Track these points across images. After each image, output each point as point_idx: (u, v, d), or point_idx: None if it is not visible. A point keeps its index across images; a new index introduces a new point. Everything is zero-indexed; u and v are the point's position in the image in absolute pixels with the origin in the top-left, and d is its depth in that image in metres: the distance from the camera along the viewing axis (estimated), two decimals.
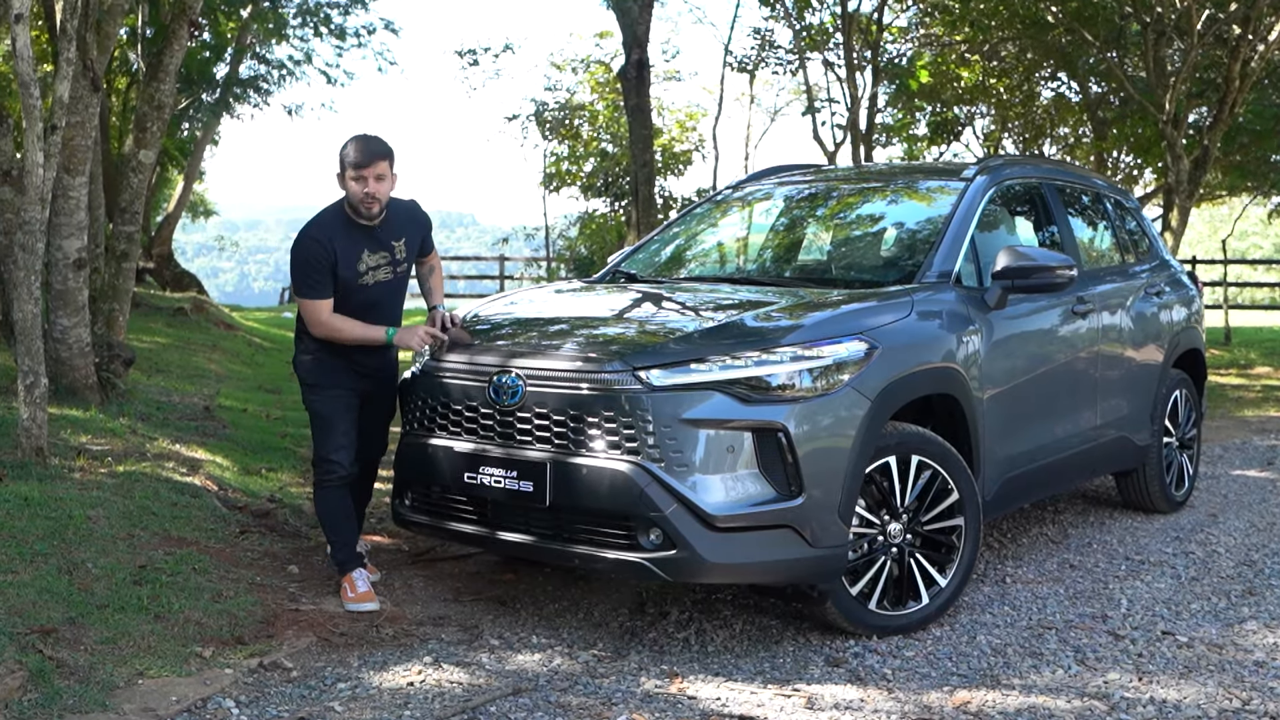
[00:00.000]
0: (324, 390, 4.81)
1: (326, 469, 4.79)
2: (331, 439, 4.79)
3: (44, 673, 3.66)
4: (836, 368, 4.21)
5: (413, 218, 4.91)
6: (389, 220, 4.77)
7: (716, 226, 6.44)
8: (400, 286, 4.91)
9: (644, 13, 13.41)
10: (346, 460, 4.81)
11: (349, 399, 4.82)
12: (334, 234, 4.68)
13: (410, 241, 4.86)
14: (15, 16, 5.80)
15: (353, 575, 4.75)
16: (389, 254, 4.77)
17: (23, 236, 6.02)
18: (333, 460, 4.78)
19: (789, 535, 4.08)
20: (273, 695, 3.82)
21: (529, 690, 3.92)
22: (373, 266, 4.73)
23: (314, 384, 4.84)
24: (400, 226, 4.82)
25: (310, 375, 4.85)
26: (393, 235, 4.78)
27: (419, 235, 4.92)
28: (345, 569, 4.77)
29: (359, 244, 4.70)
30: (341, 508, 4.84)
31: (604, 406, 4.12)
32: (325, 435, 4.80)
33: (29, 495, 5.28)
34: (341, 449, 4.80)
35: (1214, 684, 4.01)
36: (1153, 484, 6.46)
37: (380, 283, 4.77)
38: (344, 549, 4.80)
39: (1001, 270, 4.97)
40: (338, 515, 4.83)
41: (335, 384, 4.80)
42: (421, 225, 4.96)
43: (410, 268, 4.95)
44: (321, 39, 23.21)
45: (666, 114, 25.77)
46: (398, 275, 4.84)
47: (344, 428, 4.81)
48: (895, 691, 3.95)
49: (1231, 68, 14.80)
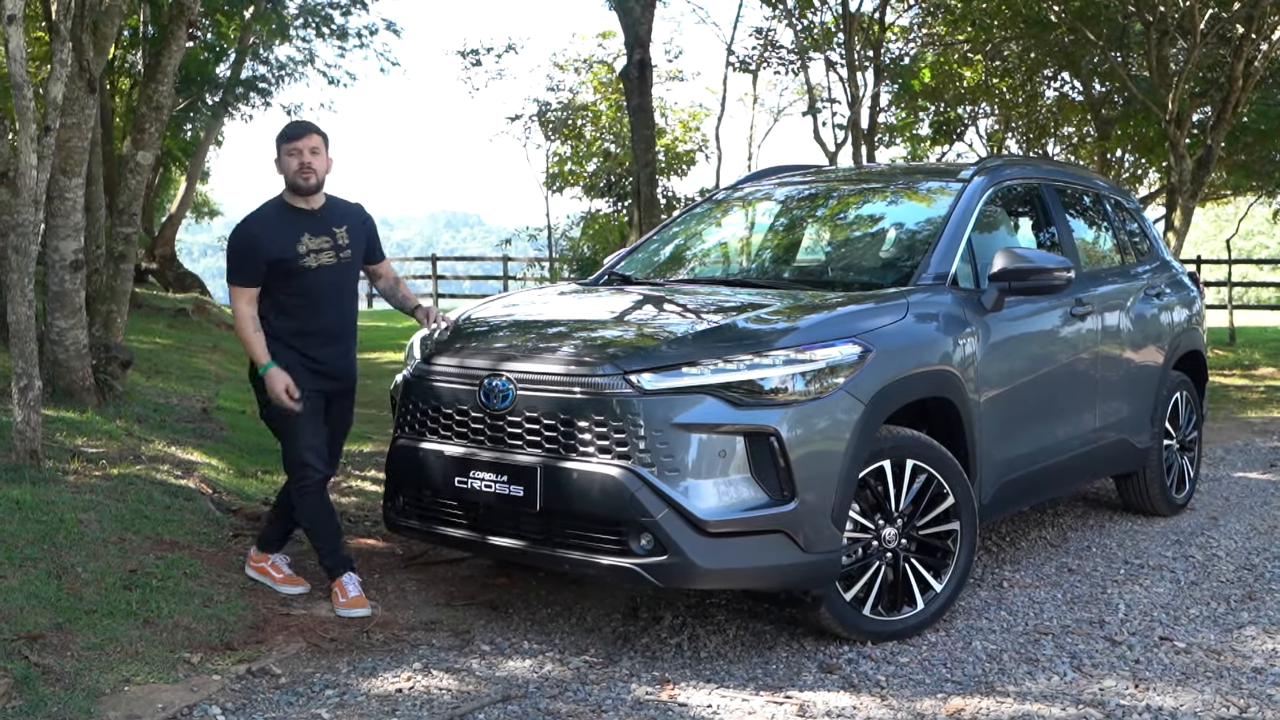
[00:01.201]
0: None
1: (302, 474, 4.73)
2: (301, 441, 4.72)
3: (29, 679, 3.63)
4: (830, 371, 4.17)
5: (355, 215, 4.92)
6: (330, 208, 4.81)
7: (713, 228, 6.40)
8: (347, 277, 4.84)
9: (646, 13, 13.39)
10: (320, 462, 4.74)
11: (315, 400, 4.76)
12: (270, 222, 4.71)
13: (354, 232, 4.84)
14: (8, 18, 5.77)
15: (343, 580, 4.72)
16: (331, 239, 4.74)
17: (16, 238, 5.99)
18: (307, 464, 4.71)
19: (782, 540, 4.05)
20: (260, 702, 3.79)
21: (518, 697, 3.89)
22: (315, 249, 4.69)
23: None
24: (342, 216, 4.84)
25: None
26: (334, 222, 4.79)
27: (363, 231, 4.91)
28: (335, 573, 4.75)
29: (298, 228, 4.70)
30: (325, 511, 4.80)
31: (595, 410, 4.09)
32: (294, 439, 4.73)
33: (21, 499, 5.25)
34: (313, 450, 4.72)
35: (1211, 691, 3.97)
36: (1153, 487, 6.42)
37: (325, 267, 4.72)
38: (332, 554, 4.76)
39: (999, 272, 4.93)
40: (323, 519, 4.79)
41: (298, 386, 4.69)
42: (365, 223, 4.96)
43: (357, 259, 4.88)
44: (324, 40, 23.20)
45: (669, 114, 25.76)
46: (342, 261, 4.78)
47: (312, 429, 4.74)
48: (889, 699, 3.91)
49: (1235, 67, 14.73)
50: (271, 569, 4.95)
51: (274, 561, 4.98)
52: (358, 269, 4.93)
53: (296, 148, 4.64)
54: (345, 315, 4.87)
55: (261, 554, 4.99)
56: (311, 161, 4.65)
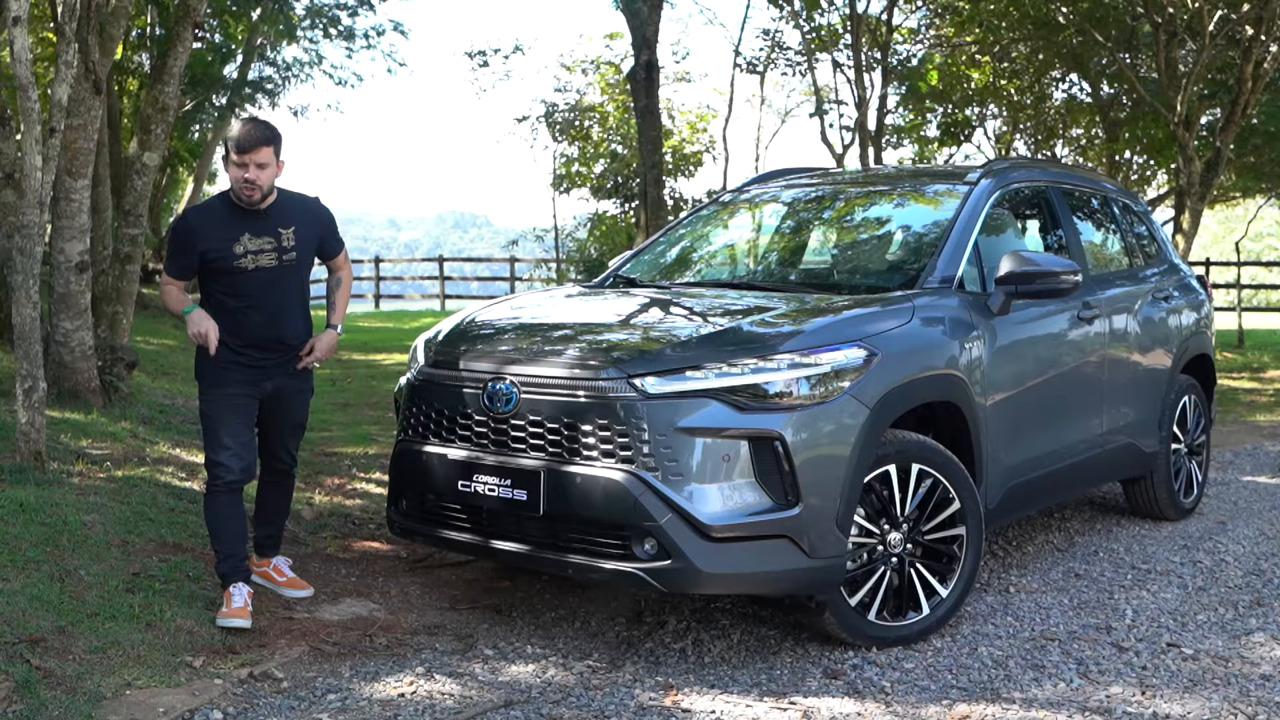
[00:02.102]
0: (212, 390, 4.56)
1: (213, 473, 4.54)
2: (216, 441, 4.53)
3: (30, 683, 3.62)
4: (835, 375, 4.15)
5: (309, 211, 4.72)
6: (279, 208, 4.60)
7: (720, 230, 6.38)
8: (289, 277, 4.62)
9: (653, 14, 13.38)
10: (236, 466, 4.51)
11: (241, 401, 4.55)
12: (210, 217, 4.54)
13: (303, 232, 4.63)
14: (13, 19, 5.77)
15: (230, 590, 4.50)
16: (274, 240, 4.54)
17: (21, 240, 6.00)
18: (219, 463, 4.51)
19: (786, 545, 4.02)
20: (262, 706, 3.78)
21: (521, 702, 3.87)
22: (254, 250, 4.51)
23: (204, 383, 4.59)
24: (292, 216, 4.62)
25: (202, 375, 4.59)
26: (281, 223, 4.58)
27: (315, 229, 4.70)
28: (225, 582, 4.54)
29: (239, 227, 4.51)
30: (226, 516, 4.57)
31: (598, 414, 4.07)
32: (211, 437, 4.56)
33: (25, 500, 5.26)
34: (228, 452, 4.50)
35: (1219, 698, 3.93)
36: (1161, 491, 6.38)
37: (263, 269, 4.52)
38: (226, 560, 4.55)
39: (1005, 275, 4.90)
40: (221, 523, 4.57)
41: (225, 383, 4.53)
42: (319, 220, 4.75)
43: (304, 260, 4.66)
44: (331, 41, 23.24)
45: (677, 115, 25.78)
46: (284, 264, 4.57)
47: (231, 430, 4.52)
48: (893, 705, 3.88)
49: (1244, 69, 14.68)
50: (274, 572, 4.91)
51: (275, 565, 4.94)
52: (304, 271, 4.70)
53: (244, 161, 4.42)
54: (286, 317, 4.62)
55: (261, 559, 4.94)
56: (256, 177, 4.44)
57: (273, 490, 4.93)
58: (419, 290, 36.15)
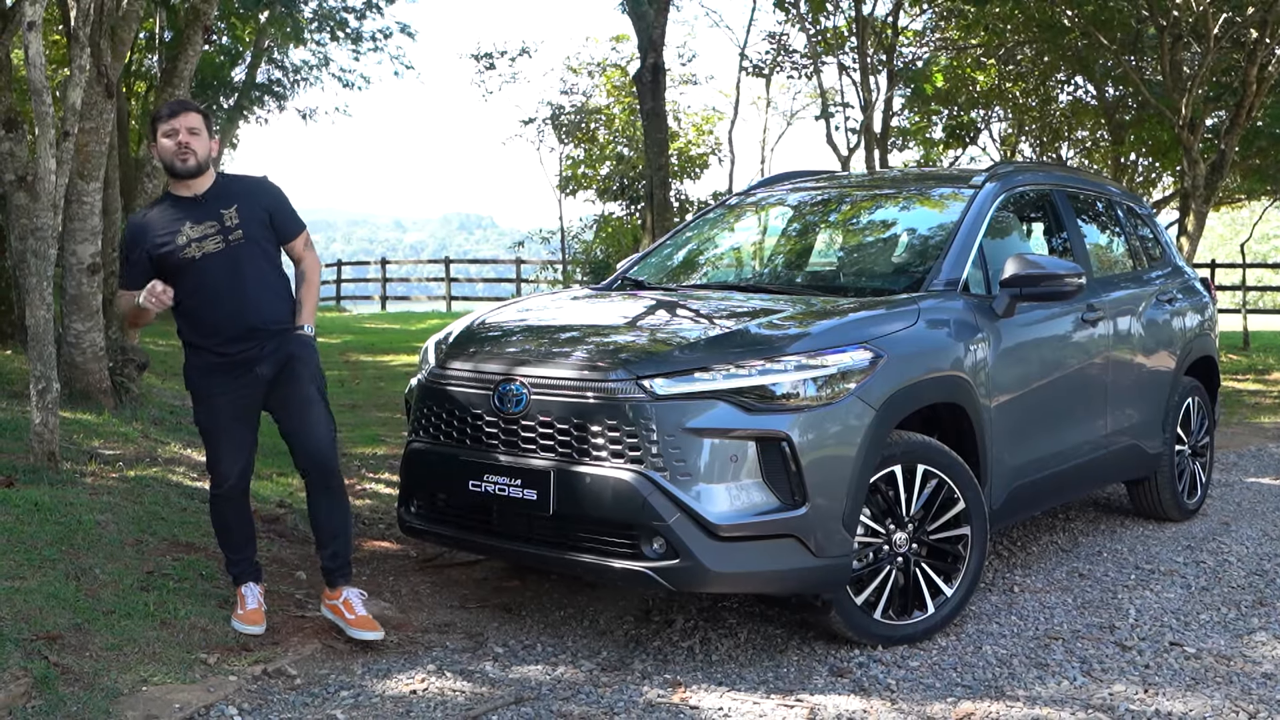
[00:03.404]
0: (201, 401, 4.42)
1: (213, 480, 4.48)
2: (210, 448, 4.44)
3: (48, 679, 3.68)
4: (841, 377, 4.19)
5: (252, 187, 4.47)
6: (218, 191, 4.36)
7: (726, 233, 6.44)
8: (243, 259, 4.30)
9: (659, 17, 13.43)
10: (232, 472, 4.40)
11: (230, 408, 4.35)
12: (150, 215, 4.35)
13: (246, 210, 4.34)
14: (28, 24, 5.84)
15: (243, 590, 4.49)
16: (217, 222, 4.29)
17: (35, 242, 6.06)
18: (217, 471, 4.44)
19: (793, 545, 4.07)
20: (276, 703, 3.83)
21: (531, 699, 3.92)
22: (197, 238, 4.26)
23: (194, 395, 4.46)
24: (233, 195, 4.37)
25: (190, 385, 4.46)
26: (222, 204, 4.33)
27: (261, 204, 4.40)
28: (237, 582, 4.54)
29: (180, 218, 4.29)
30: (229, 524, 4.51)
31: (608, 415, 4.12)
32: (206, 444, 4.48)
33: (39, 500, 5.32)
34: (225, 460, 4.40)
35: (1221, 696, 3.98)
36: (1164, 492, 6.42)
37: (210, 255, 4.26)
38: (234, 564, 4.54)
39: (1010, 278, 4.95)
40: (224, 530, 4.53)
41: (211, 391, 4.36)
42: (265, 193, 4.46)
43: (254, 236, 4.35)
44: (338, 44, 23.32)
45: (683, 118, 25.81)
46: (231, 244, 4.28)
47: (225, 437, 4.38)
48: (899, 702, 3.93)
49: (1249, 72, 14.70)
50: (344, 607, 4.43)
51: (346, 599, 4.45)
52: (261, 249, 4.38)
53: (173, 127, 4.22)
54: (250, 303, 4.31)
55: (331, 589, 4.50)
56: (189, 141, 4.22)
57: (317, 499, 4.46)
58: (425, 292, 36.24)
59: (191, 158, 4.26)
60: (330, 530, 4.45)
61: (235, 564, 4.56)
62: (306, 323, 4.46)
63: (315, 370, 4.45)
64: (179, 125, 4.23)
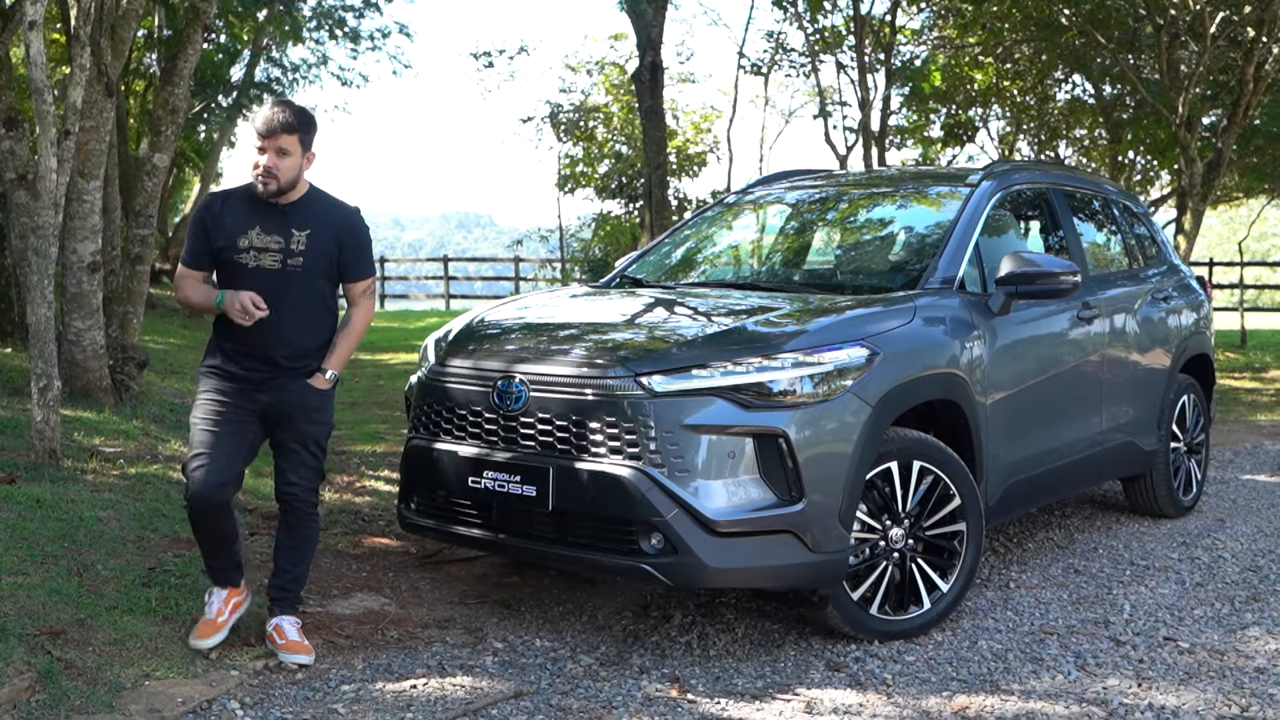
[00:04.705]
0: (201, 390, 4.20)
1: (187, 482, 4.14)
2: (193, 445, 4.14)
3: (52, 674, 3.71)
4: (838, 373, 4.23)
5: (336, 216, 4.22)
6: (301, 208, 4.15)
7: (724, 231, 6.47)
8: (292, 288, 4.11)
9: (658, 15, 13.46)
10: (206, 479, 4.05)
11: (227, 412, 4.12)
12: (231, 203, 4.15)
13: (318, 238, 4.13)
14: (29, 24, 5.86)
15: (206, 596, 4.33)
16: (283, 241, 4.09)
17: (36, 241, 6.09)
18: (189, 473, 4.12)
19: (790, 540, 4.11)
20: (277, 697, 3.87)
21: (530, 694, 3.95)
22: (258, 247, 4.08)
23: (198, 387, 4.26)
24: (313, 218, 4.15)
25: (199, 375, 4.28)
26: (298, 223, 4.12)
27: (334, 237, 4.17)
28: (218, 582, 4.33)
29: (252, 219, 4.11)
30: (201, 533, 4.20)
31: (606, 412, 4.15)
32: (191, 441, 4.18)
33: (41, 497, 5.35)
34: (199, 461, 4.08)
35: (1214, 690, 4.01)
36: (1160, 489, 6.46)
37: (264, 269, 4.08)
38: (207, 570, 4.34)
39: (1005, 276, 4.98)
40: (198, 536, 4.24)
41: (214, 387, 4.16)
42: (345, 228, 4.21)
43: (313, 269, 4.14)
44: (337, 42, 23.35)
45: (681, 116, 25.81)
46: (287, 269, 4.09)
47: (209, 437, 4.09)
48: (894, 696, 3.97)
49: (1245, 70, 14.74)
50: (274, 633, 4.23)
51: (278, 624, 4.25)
52: (315, 283, 4.16)
53: (262, 146, 4.03)
54: (282, 335, 4.11)
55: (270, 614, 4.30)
56: (274, 165, 4.03)
57: (284, 532, 4.30)
58: (424, 290, 36.23)
59: (273, 183, 4.06)
60: (285, 563, 4.30)
61: (207, 571, 4.36)
62: (332, 368, 4.24)
63: (318, 423, 4.25)
64: (268, 146, 4.02)
